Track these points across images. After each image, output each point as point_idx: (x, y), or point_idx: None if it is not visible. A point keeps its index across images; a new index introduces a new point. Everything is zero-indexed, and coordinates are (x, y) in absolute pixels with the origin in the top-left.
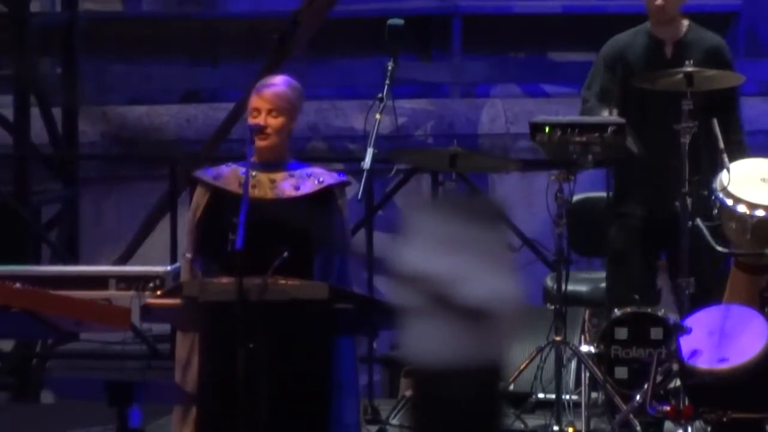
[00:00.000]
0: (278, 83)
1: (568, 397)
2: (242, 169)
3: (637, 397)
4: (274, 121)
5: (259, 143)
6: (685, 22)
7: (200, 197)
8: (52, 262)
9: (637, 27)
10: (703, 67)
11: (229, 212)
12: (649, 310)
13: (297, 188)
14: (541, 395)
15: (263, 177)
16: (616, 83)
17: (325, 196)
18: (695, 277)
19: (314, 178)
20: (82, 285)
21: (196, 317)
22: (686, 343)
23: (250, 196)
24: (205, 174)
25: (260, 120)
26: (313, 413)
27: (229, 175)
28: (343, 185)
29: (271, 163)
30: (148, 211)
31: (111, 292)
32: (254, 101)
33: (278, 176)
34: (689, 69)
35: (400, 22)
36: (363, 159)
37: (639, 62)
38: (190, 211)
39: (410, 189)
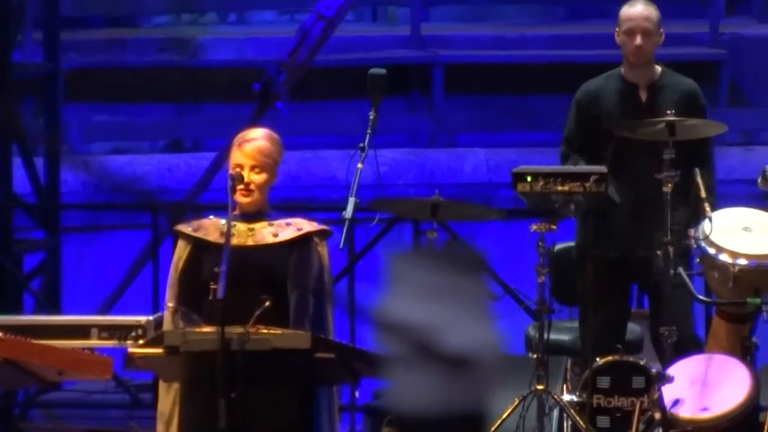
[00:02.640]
0: (260, 138)
1: None
2: (222, 220)
3: None
4: (257, 177)
5: (242, 199)
6: (659, 68)
7: (182, 250)
8: (35, 311)
9: (608, 72)
10: (677, 110)
11: (210, 262)
12: (632, 359)
13: (276, 235)
14: None
15: (242, 227)
16: (589, 130)
17: (305, 242)
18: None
19: (294, 227)
20: (64, 334)
21: (178, 367)
22: (668, 392)
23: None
24: (186, 227)
25: (243, 176)
26: None
27: (210, 226)
28: (323, 233)
29: (252, 215)
30: (131, 260)
31: (93, 341)
32: (236, 157)
33: (257, 225)
34: (671, 118)
35: (381, 71)
36: (345, 208)
37: (613, 106)
38: (173, 264)
39: (392, 238)
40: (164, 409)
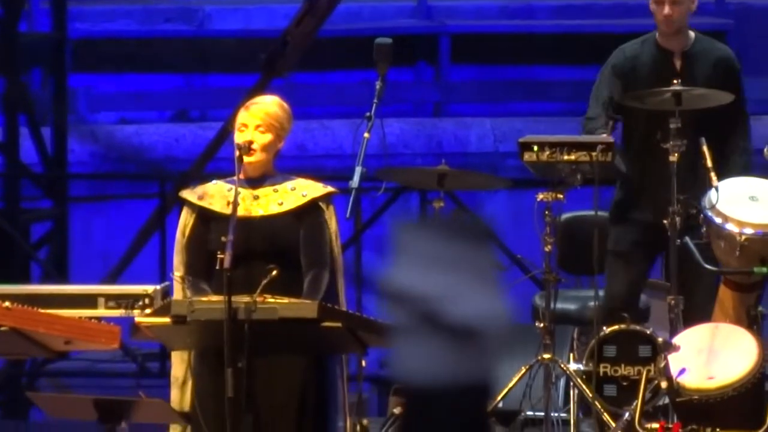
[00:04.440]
0: (268, 101)
1: (556, 414)
2: (228, 186)
3: (626, 415)
4: (261, 137)
5: (245, 159)
6: (692, 34)
7: (187, 217)
8: (42, 280)
9: (644, 36)
10: (712, 77)
11: (216, 231)
12: (638, 327)
13: (281, 204)
14: (530, 413)
15: (247, 193)
16: (620, 94)
17: (312, 212)
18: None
19: (298, 192)
20: (71, 303)
21: (185, 336)
22: (675, 361)
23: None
24: (191, 194)
25: (247, 135)
26: (302, 430)
27: (215, 193)
28: (328, 196)
29: (256, 179)
30: (138, 230)
31: (100, 311)
32: (242, 116)
33: (261, 192)
34: (677, 88)
35: (388, 41)
36: (351, 178)
37: (647, 73)
38: (178, 231)
39: (398, 208)
40: (178, 374)
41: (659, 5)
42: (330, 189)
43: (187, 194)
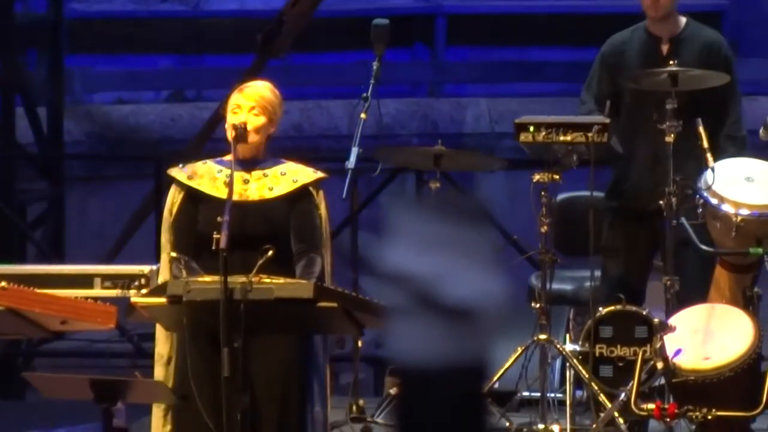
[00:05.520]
0: (260, 85)
1: (552, 395)
2: (217, 168)
3: (622, 396)
4: (255, 119)
5: (240, 144)
6: (683, 19)
7: (175, 195)
8: (37, 260)
9: (636, 24)
10: (697, 63)
11: (204, 213)
12: (634, 308)
13: (271, 189)
14: (526, 393)
15: (237, 176)
16: (612, 83)
17: (303, 197)
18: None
19: (289, 177)
20: (67, 283)
21: (181, 316)
22: (671, 342)
23: (223, 198)
24: (180, 172)
25: (241, 116)
26: (294, 410)
27: (204, 174)
28: (318, 181)
29: (247, 162)
30: (133, 210)
31: (96, 291)
32: (235, 98)
33: (252, 176)
34: (674, 68)
35: (384, 21)
36: (347, 158)
37: (634, 59)
38: (166, 209)
39: (394, 188)
40: (162, 352)
41: None
42: (320, 174)
43: (175, 173)
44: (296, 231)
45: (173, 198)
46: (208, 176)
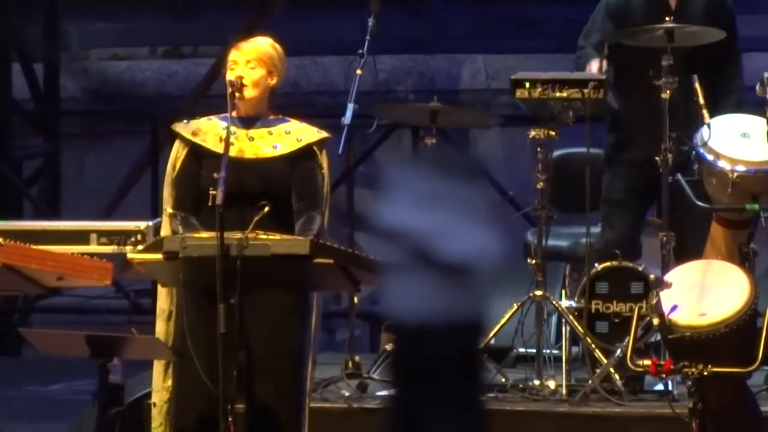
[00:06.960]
0: (260, 40)
1: (548, 351)
2: (222, 123)
3: (618, 352)
4: (252, 73)
5: (237, 95)
6: None
7: (179, 151)
8: (34, 216)
9: None
10: (704, 17)
11: (207, 169)
12: (630, 264)
13: (275, 147)
14: (521, 349)
15: (241, 133)
16: (612, 33)
17: (306, 156)
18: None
19: (293, 136)
20: (63, 240)
21: (177, 272)
22: (667, 298)
23: (228, 155)
24: (185, 128)
25: (238, 71)
26: (290, 366)
27: (208, 130)
28: (322, 141)
29: (251, 119)
30: (130, 166)
31: (92, 247)
32: (232, 55)
33: (256, 133)
34: (669, 25)
35: None
36: (343, 114)
37: (642, 12)
38: (169, 164)
39: (391, 144)
40: (164, 307)
41: None
42: (324, 134)
43: (180, 128)
44: (298, 190)
45: (177, 153)
46: (212, 132)
